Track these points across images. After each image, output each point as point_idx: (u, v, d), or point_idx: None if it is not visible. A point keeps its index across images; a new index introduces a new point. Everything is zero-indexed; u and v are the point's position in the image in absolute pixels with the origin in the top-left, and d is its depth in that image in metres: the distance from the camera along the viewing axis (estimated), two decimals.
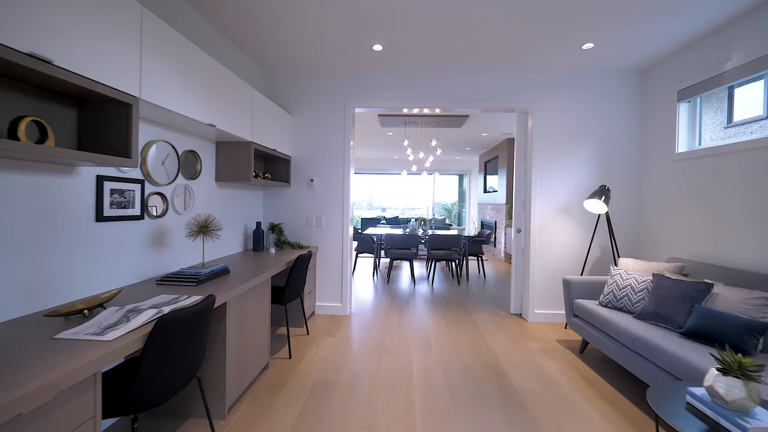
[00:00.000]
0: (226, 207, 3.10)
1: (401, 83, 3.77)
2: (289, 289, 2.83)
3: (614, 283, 2.77)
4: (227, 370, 1.99)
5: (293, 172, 3.89)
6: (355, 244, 6.26)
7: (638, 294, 2.61)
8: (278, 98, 3.87)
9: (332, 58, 3.47)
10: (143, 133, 2.11)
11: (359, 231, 6.51)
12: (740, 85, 2.73)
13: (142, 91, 1.70)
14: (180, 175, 2.45)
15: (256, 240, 3.41)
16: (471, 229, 10.89)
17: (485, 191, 9.62)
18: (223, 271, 2.33)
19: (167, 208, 2.31)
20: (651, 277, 2.64)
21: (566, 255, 3.71)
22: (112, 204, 1.90)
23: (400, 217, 11.99)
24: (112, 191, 1.90)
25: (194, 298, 1.76)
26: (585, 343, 2.99)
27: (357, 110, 3.94)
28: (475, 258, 6.24)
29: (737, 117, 2.78)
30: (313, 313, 3.85)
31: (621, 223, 3.67)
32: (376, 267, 6.12)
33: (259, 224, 3.42)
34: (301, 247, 3.65)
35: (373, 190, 15.02)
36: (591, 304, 2.83)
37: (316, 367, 2.68)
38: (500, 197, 8.04)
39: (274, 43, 3.20)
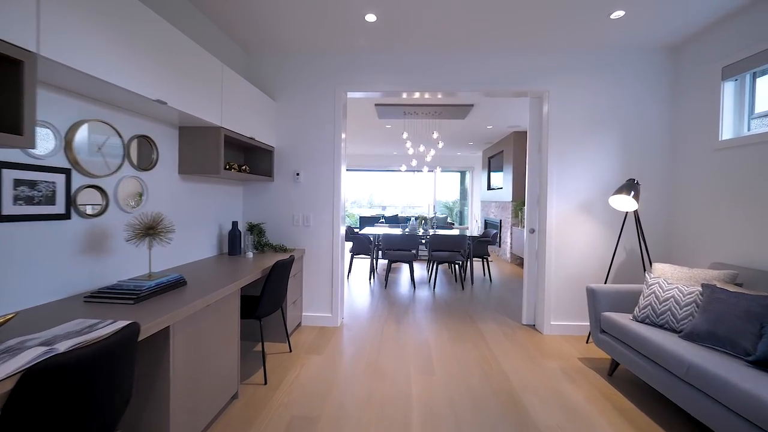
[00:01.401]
0: (193, 204, 2.66)
1: (399, 64, 3.32)
2: (265, 302, 2.38)
3: (652, 294, 2.32)
4: (171, 413, 1.54)
5: (277, 164, 3.44)
6: (350, 244, 5.81)
7: (684, 309, 2.16)
8: (260, 82, 3.42)
9: (320, 34, 3.01)
10: (69, 109, 1.66)
11: (355, 231, 6.06)
12: None
13: (42, 45, 1.25)
14: (126, 164, 2.01)
15: (232, 242, 2.96)
16: (474, 228, 10.44)
17: (489, 188, 9.16)
18: (177, 283, 1.88)
19: (107, 205, 1.86)
20: (699, 289, 2.18)
21: (587, 258, 3.26)
22: (17, 199, 1.45)
23: (399, 215, 11.54)
24: (17, 182, 1.45)
25: (120, 324, 1.32)
26: (615, 364, 2.54)
27: (350, 95, 3.49)
28: (480, 259, 5.80)
29: None
30: (299, 325, 3.41)
31: (649, 222, 3.22)
32: (373, 269, 5.68)
33: (235, 224, 2.98)
34: (284, 250, 3.20)
35: (373, 188, 14.57)
36: (623, 319, 2.38)
37: (296, 395, 2.23)
38: (505, 194, 7.58)
39: (253, 18, 2.75)
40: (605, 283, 3.10)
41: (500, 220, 8.00)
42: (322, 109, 3.39)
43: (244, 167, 2.96)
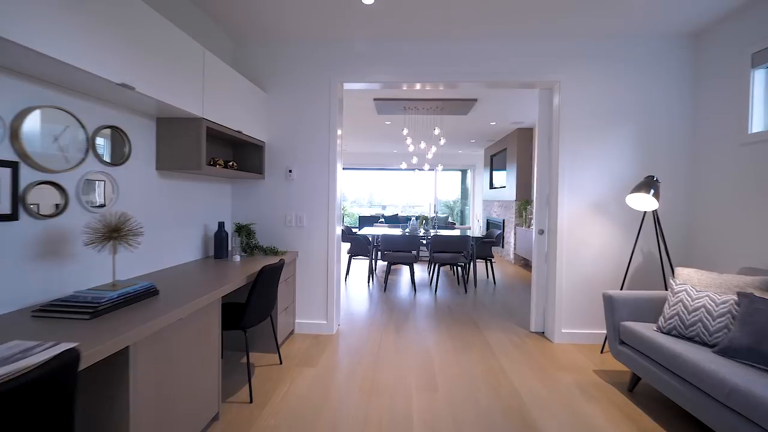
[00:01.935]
0: (173, 203, 2.43)
1: (398, 53, 3.09)
2: (250, 312, 2.16)
3: (680, 303, 2.10)
4: None
5: (268, 160, 3.21)
6: (348, 245, 5.58)
7: (718, 320, 1.93)
8: (250, 73, 3.19)
9: (314, 20, 2.78)
10: (15, 93, 1.43)
11: (353, 231, 5.84)
12: None
13: None
14: (91, 158, 1.78)
15: (219, 245, 2.74)
16: (476, 227, 10.21)
17: (491, 187, 8.93)
18: (147, 293, 1.66)
19: (67, 204, 1.64)
20: (734, 297, 1.96)
21: (600, 262, 3.03)
22: None
23: (399, 215, 11.32)
24: None
25: (63, 346, 1.10)
26: (635, 379, 2.32)
27: (346, 86, 3.26)
28: (483, 261, 5.57)
29: None
30: (292, 333, 3.18)
31: (669, 223, 2.99)
32: (372, 271, 5.45)
33: (221, 225, 2.75)
34: (275, 252, 2.97)
35: (373, 187, 14.37)
36: (647, 331, 2.16)
37: (284, 415, 2.01)
38: (509, 193, 7.35)
39: (241, 1, 2.52)
40: (621, 288, 2.87)
41: (503, 220, 7.78)
42: (317, 101, 3.16)
43: (231, 163, 2.74)
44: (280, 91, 3.18)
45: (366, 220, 11.07)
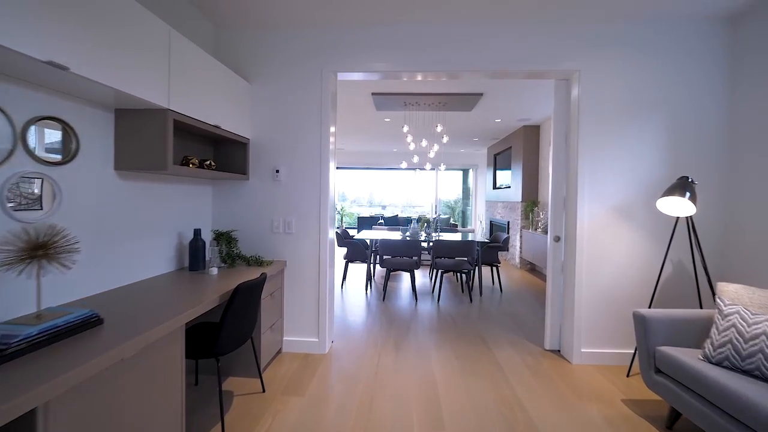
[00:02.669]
0: (138, 208, 2.10)
1: (397, 40, 2.75)
2: (225, 337, 1.83)
3: (732, 328, 1.77)
4: None
5: (253, 160, 2.88)
6: (344, 250, 5.25)
7: None
8: (233, 61, 2.86)
9: (305, 1, 2.45)
10: None
11: (349, 235, 5.51)
12: None
13: None
14: (21, 154, 1.45)
15: (194, 255, 2.41)
16: (478, 229, 9.88)
17: (495, 187, 8.60)
18: (85, 324, 1.33)
19: None
20: None
21: (625, 273, 2.70)
22: None
23: (399, 216, 11.00)
24: None
25: None
26: (675, 414, 1.99)
27: (340, 76, 2.93)
28: (488, 266, 5.24)
29: None
30: (279, 352, 2.85)
31: (703, 231, 2.66)
32: (370, 277, 5.12)
33: (197, 233, 2.42)
34: (259, 263, 2.64)
35: (373, 187, 14.07)
36: (691, 360, 1.83)
37: None
38: (514, 194, 7.02)
39: None
40: (650, 305, 2.54)
41: (508, 222, 7.44)
42: (308, 93, 2.83)
43: (208, 162, 2.40)
44: (267, 82, 2.85)
45: (365, 222, 10.75)
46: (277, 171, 2.84)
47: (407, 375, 2.53)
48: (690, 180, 2.37)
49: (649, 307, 2.56)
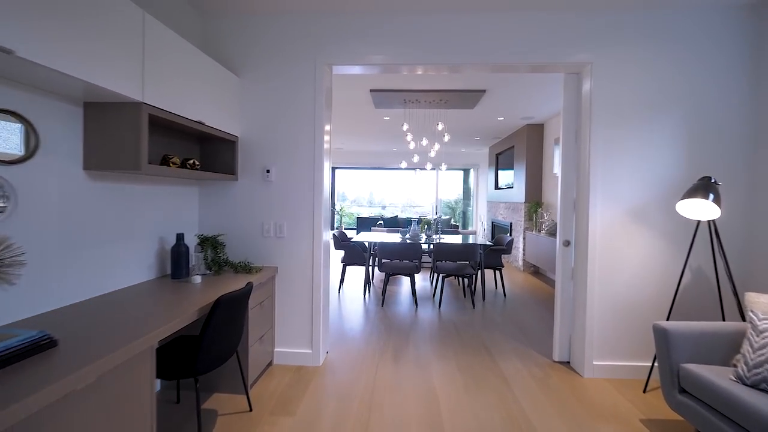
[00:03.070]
0: (112, 212, 1.92)
1: (396, 30, 2.57)
2: (204, 355, 1.65)
3: None
4: None
5: (242, 159, 2.70)
6: (341, 253, 5.07)
7: None
8: (220, 53, 2.68)
9: None
10: None
11: (347, 238, 5.32)
12: None
13: None
14: None
15: (176, 262, 2.23)
16: (480, 231, 9.70)
17: (497, 188, 8.42)
18: (34, 347, 1.15)
19: None
20: None
21: (641, 281, 2.52)
22: None
23: (399, 216, 10.82)
24: None
25: None
26: None
27: (336, 70, 2.75)
28: (491, 269, 5.05)
29: None
30: (270, 365, 2.67)
31: (726, 236, 2.47)
32: (368, 280, 4.93)
33: (180, 237, 2.24)
34: (248, 269, 2.46)
35: (373, 187, 13.90)
36: (722, 380, 1.65)
37: None
38: (517, 194, 6.84)
39: None
40: (669, 316, 2.36)
41: (510, 223, 7.26)
42: (300, 88, 2.65)
43: (191, 162, 2.22)
44: (257, 76, 2.67)
45: (364, 223, 10.58)
46: (268, 171, 2.66)
47: (406, 391, 2.35)
48: (713, 180, 2.19)
49: (668, 319, 2.38)
